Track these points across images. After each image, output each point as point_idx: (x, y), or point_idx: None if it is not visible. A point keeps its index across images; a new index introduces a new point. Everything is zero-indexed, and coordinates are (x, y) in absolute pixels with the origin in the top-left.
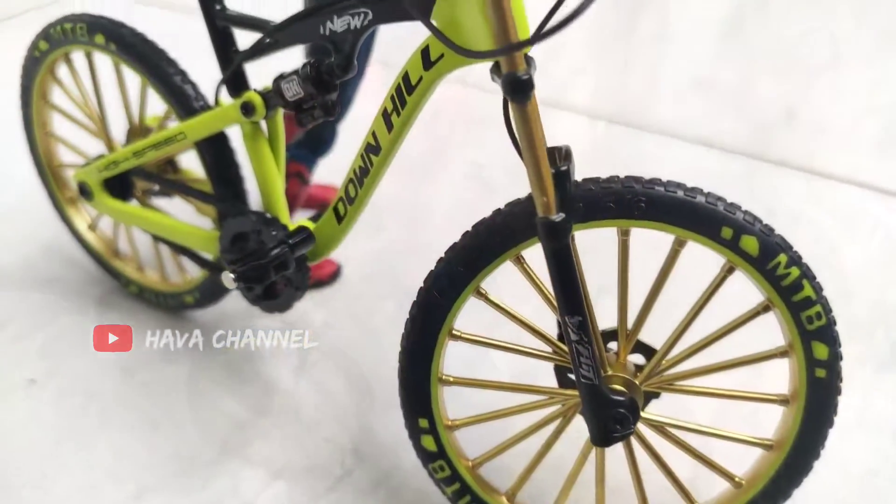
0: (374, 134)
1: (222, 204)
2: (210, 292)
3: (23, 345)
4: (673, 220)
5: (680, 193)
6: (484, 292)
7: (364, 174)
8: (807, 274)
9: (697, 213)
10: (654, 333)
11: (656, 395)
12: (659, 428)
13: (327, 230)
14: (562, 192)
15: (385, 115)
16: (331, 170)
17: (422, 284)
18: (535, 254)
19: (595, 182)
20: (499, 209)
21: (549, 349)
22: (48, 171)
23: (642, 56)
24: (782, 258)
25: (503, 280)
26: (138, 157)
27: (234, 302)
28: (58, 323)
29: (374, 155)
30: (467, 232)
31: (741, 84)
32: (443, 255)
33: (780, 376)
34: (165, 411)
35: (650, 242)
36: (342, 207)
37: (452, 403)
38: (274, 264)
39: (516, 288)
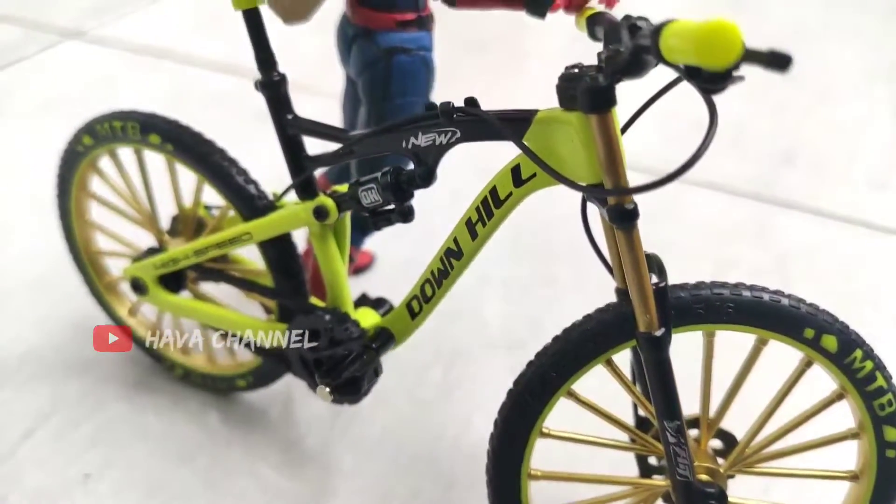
0: (455, 240)
1: (285, 298)
2: (265, 376)
3: (71, 438)
4: (759, 322)
5: (766, 297)
6: (574, 393)
7: (443, 276)
8: (879, 365)
9: (782, 316)
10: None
11: (731, 477)
12: None
13: (400, 325)
14: (662, 308)
15: (469, 223)
16: None
17: (511, 387)
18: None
19: (684, 288)
20: (589, 315)
21: (630, 439)
22: (85, 259)
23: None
24: (858, 353)
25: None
26: (199, 255)
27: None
28: (104, 411)
29: (454, 259)
30: (558, 337)
31: (739, 125)
32: (533, 358)
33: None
34: (235, 499)
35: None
36: (417, 305)
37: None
38: (368, 375)
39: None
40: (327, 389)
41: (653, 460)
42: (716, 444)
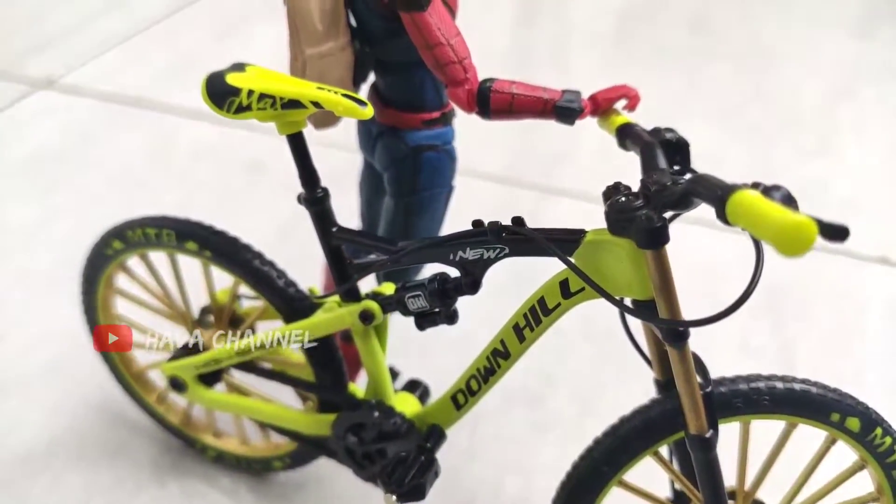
0: (503, 342)
1: (326, 392)
2: (302, 458)
3: None
4: (791, 411)
5: (797, 387)
6: (625, 482)
7: (489, 373)
8: None
9: (811, 403)
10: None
11: None
12: None
13: (445, 417)
14: (710, 411)
15: (517, 328)
16: None
17: (564, 478)
18: None
19: (723, 384)
20: (637, 411)
21: None
22: (113, 353)
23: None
24: (878, 431)
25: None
26: (242, 355)
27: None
28: (139, 497)
29: (501, 359)
30: (608, 432)
31: (754, 159)
32: (584, 451)
33: None
34: None
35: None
36: (462, 398)
37: None
38: (430, 477)
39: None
40: (394, 497)
41: None
42: None
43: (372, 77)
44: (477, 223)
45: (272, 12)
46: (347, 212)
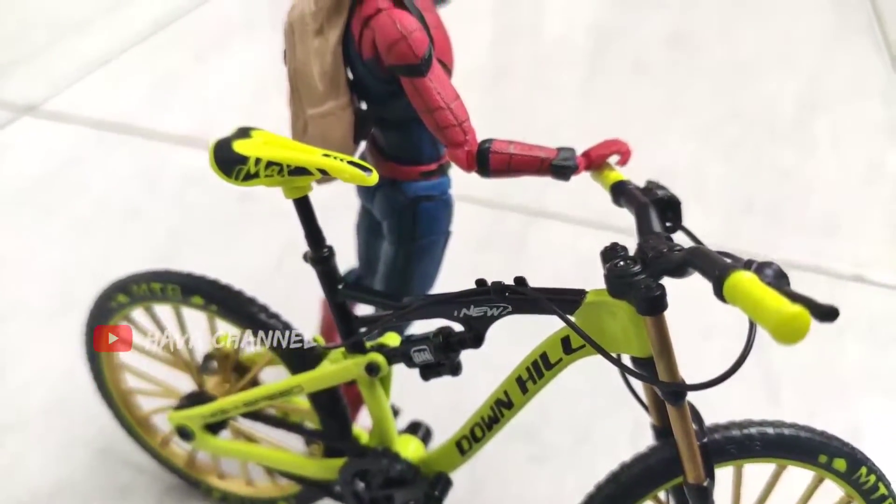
0: (506, 392)
1: (332, 440)
2: (306, 498)
3: None
4: (781, 454)
5: (786, 432)
6: None
7: (493, 422)
8: (881, 478)
9: (801, 447)
10: None
11: None
12: None
13: (449, 462)
14: (706, 461)
15: (520, 380)
16: None
17: None
18: None
19: (717, 430)
20: (636, 458)
21: None
22: (116, 397)
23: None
24: (863, 470)
25: None
26: (249, 406)
27: None
28: None
29: (505, 408)
30: (609, 480)
31: (733, 176)
32: (586, 498)
33: None
34: None
35: None
36: (467, 444)
37: None
38: None
39: None
40: None
41: None
42: None
43: None
44: (480, 282)
45: (251, 31)
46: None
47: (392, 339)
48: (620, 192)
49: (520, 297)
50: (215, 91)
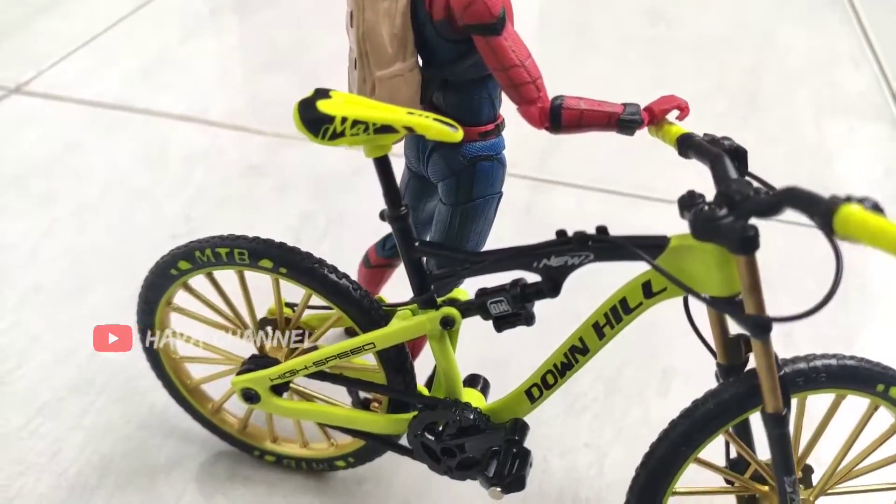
0: (581, 339)
1: (398, 393)
2: (368, 455)
3: None
4: (843, 384)
5: (848, 363)
6: (701, 459)
7: (566, 368)
8: None
9: (861, 377)
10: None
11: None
12: None
13: (519, 408)
14: (784, 393)
15: (596, 326)
16: None
17: (647, 450)
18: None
19: (787, 365)
20: (708, 394)
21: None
22: (168, 366)
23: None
24: None
25: None
26: (319, 365)
27: None
28: None
29: (580, 354)
30: (684, 416)
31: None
32: (661, 434)
33: None
34: None
35: None
36: (537, 391)
37: None
38: (527, 465)
39: None
40: (499, 489)
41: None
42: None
43: None
44: (561, 233)
45: (238, 9)
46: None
47: (460, 294)
48: (689, 145)
49: (603, 245)
50: (207, 69)
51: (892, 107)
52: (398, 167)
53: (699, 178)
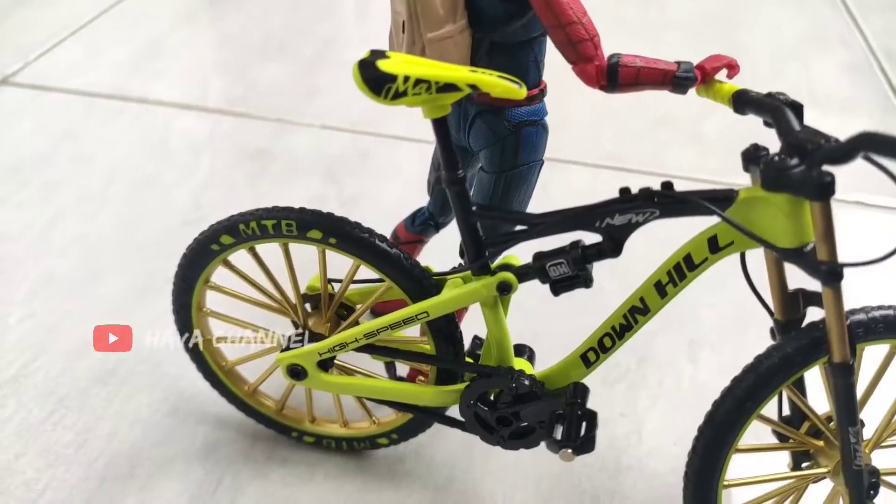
0: (642, 299)
1: (447, 363)
2: (412, 430)
3: None
4: None
5: None
6: (764, 416)
7: (626, 329)
8: None
9: None
10: None
11: None
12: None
13: (574, 373)
14: (851, 342)
15: (658, 285)
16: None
17: (710, 408)
18: None
19: (864, 311)
20: (774, 347)
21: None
22: (203, 348)
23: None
24: None
25: None
26: (370, 337)
27: None
28: (244, 493)
29: (640, 314)
30: (748, 371)
31: (725, 123)
32: (724, 390)
33: None
34: None
35: None
36: (593, 356)
37: None
38: (595, 426)
39: None
40: (570, 451)
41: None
42: None
43: None
44: (624, 190)
45: None
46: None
47: (512, 260)
48: (745, 101)
49: (670, 201)
50: (201, 57)
51: (884, 82)
52: (408, 150)
53: (704, 155)
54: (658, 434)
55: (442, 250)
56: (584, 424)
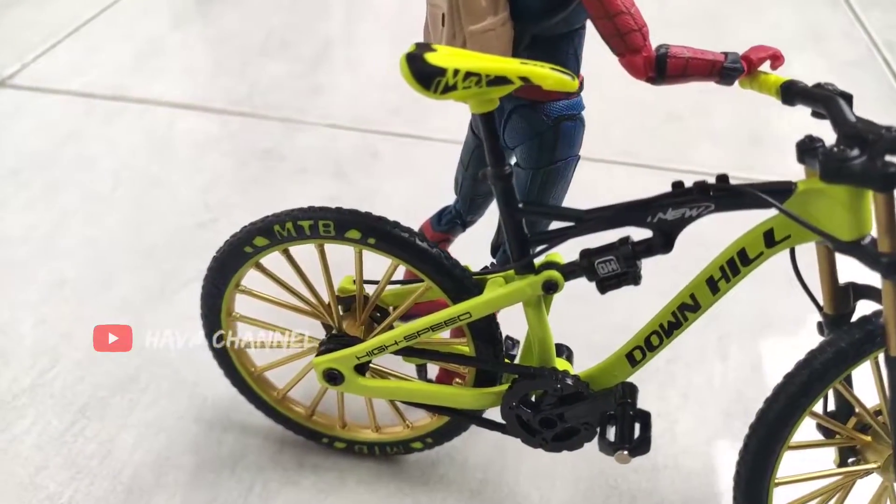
0: (693, 296)
1: (486, 364)
2: (447, 434)
3: None
4: None
5: None
6: (816, 413)
7: (675, 327)
8: None
9: None
10: None
11: None
12: None
13: (617, 371)
14: None
15: (710, 280)
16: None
17: (762, 405)
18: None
19: None
20: (827, 342)
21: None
22: (232, 353)
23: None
24: None
25: None
26: (409, 339)
27: None
28: (275, 501)
29: (690, 312)
30: (801, 367)
31: (733, 117)
32: (777, 387)
33: None
34: None
35: None
36: (639, 354)
37: None
38: (649, 427)
39: None
40: (625, 452)
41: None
42: None
43: None
44: (677, 184)
45: None
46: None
47: (556, 257)
48: (795, 92)
49: (726, 194)
50: (202, 57)
51: (889, 75)
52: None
53: (713, 150)
54: (691, 433)
55: (462, 249)
56: (636, 425)
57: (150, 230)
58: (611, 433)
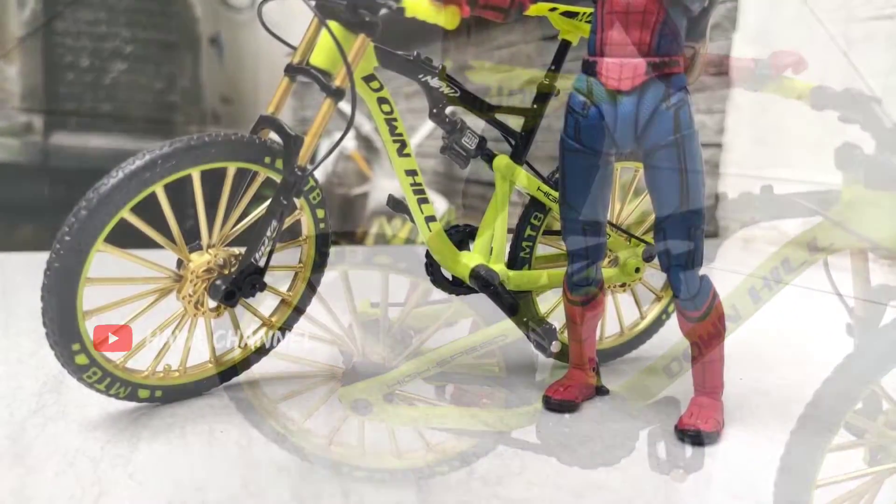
0: (734, 307)
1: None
2: (464, 460)
3: None
4: None
5: None
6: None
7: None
8: None
9: None
10: None
11: None
12: None
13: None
14: None
15: (752, 291)
16: None
17: (802, 410)
18: None
19: None
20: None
21: None
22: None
23: None
24: None
25: None
26: (442, 365)
27: None
28: None
29: (731, 323)
30: (839, 369)
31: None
32: (818, 389)
33: None
34: None
35: None
36: (677, 366)
37: None
38: None
39: None
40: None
41: None
42: None
43: None
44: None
45: None
46: None
47: None
48: (825, 97)
49: (773, 204)
50: None
51: None
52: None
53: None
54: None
55: None
56: None
57: None
58: None
